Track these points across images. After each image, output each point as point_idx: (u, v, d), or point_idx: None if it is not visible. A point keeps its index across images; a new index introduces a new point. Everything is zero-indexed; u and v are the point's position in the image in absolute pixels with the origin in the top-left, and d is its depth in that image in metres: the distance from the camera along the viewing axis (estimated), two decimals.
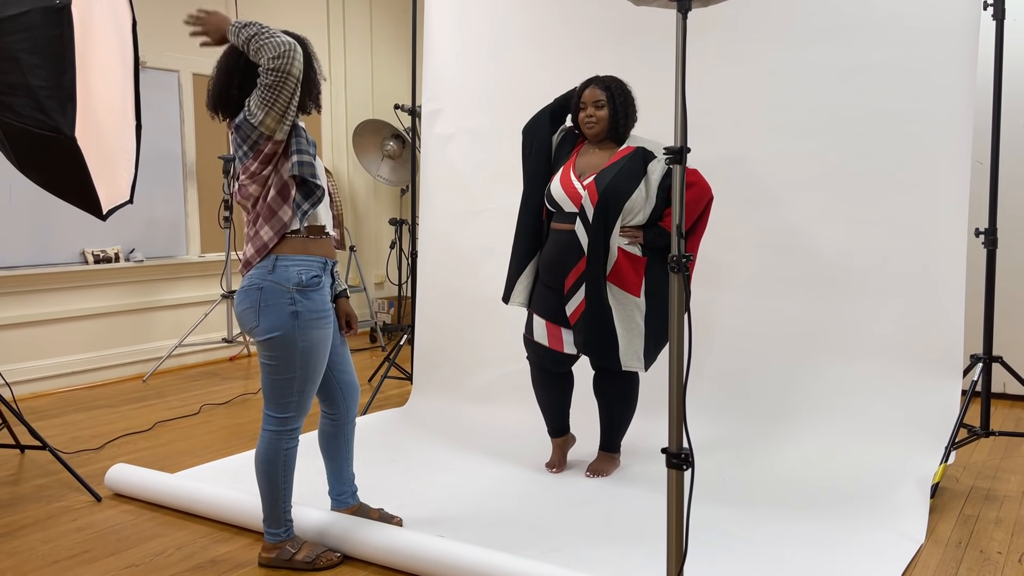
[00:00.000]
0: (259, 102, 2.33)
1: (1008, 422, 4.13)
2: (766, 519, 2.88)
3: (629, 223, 3.12)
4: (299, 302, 2.37)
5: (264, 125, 2.35)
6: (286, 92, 2.33)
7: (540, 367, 3.33)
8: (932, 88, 3.32)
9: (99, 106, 3.12)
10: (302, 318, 2.38)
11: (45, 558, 2.67)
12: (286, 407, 2.46)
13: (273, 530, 2.55)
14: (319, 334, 2.42)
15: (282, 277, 2.37)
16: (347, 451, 2.74)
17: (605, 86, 3.16)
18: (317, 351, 2.43)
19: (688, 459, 1.96)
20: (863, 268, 3.50)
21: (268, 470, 2.49)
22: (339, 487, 2.77)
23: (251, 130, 2.37)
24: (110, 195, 3.24)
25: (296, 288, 2.38)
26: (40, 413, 4.43)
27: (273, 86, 2.31)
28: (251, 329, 2.41)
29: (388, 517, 2.80)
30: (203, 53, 5.61)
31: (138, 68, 3.37)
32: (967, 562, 2.59)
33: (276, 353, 2.40)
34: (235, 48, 2.42)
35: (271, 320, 2.36)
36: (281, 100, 2.33)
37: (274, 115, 2.34)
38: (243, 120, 2.38)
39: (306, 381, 2.45)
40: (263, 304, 2.37)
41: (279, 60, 2.30)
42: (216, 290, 5.70)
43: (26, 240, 4.79)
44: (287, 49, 2.30)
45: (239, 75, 2.42)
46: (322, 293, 2.44)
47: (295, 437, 2.51)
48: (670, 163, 1.94)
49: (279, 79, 2.31)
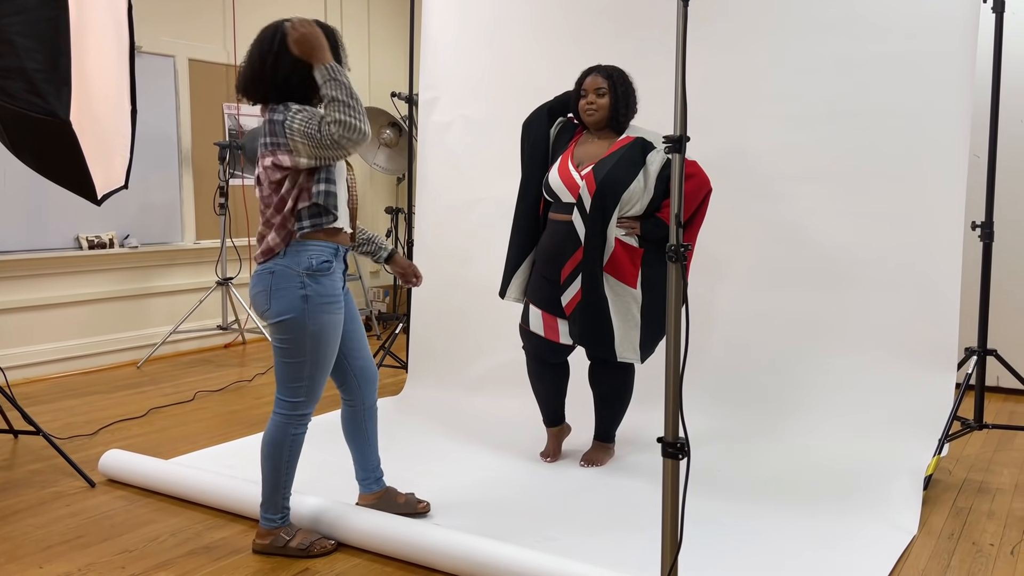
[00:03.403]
0: (304, 138, 2.31)
1: (1001, 415, 4.15)
2: (760, 509, 2.88)
3: (627, 214, 3.12)
4: (309, 286, 2.40)
5: (298, 152, 2.35)
6: (332, 155, 2.34)
7: (536, 357, 3.33)
8: (931, 81, 3.32)
9: (94, 90, 3.10)
10: (312, 302, 2.41)
11: (38, 543, 2.67)
12: (296, 391, 2.48)
13: (270, 515, 2.55)
14: (329, 319, 2.45)
15: (293, 261, 2.40)
16: (368, 437, 2.76)
17: (607, 74, 3.15)
18: (326, 336, 2.46)
19: (684, 449, 1.97)
20: (859, 260, 3.50)
21: (273, 453, 2.51)
22: (362, 473, 2.79)
23: (284, 139, 2.35)
24: (105, 180, 3.23)
25: (307, 272, 2.40)
26: (34, 398, 4.41)
27: (325, 146, 2.31)
28: (263, 312, 2.45)
29: (415, 502, 2.80)
30: (199, 39, 5.58)
31: (133, 52, 3.35)
32: (959, 554, 2.60)
33: (287, 336, 2.43)
34: (272, 33, 2.39)
35: (282, 303, 2.40)
36: (324, 157, 2.34)
37: (311, 159, 2.35)
38: (281, 123, 2.36)
39: (316, 366, 2.47)
40: (275, 287, 2.40)
41: (346, 139, 2.30)
42: (211, 277, 5.68)
43: (20, 225, 4.76)
44: (359, 136, 2.30)
45: (272, 57, 2.39)
46: (332, 279, 2.46)
47: (304, 424, 2.53)
48: (669, 152, 1.94)
49: (334, 147, 2.31)
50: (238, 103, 5.82)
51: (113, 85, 3.23)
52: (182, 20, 5.49)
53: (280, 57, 2.37)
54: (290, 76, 2.38)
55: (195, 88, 5.59)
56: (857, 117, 3.46)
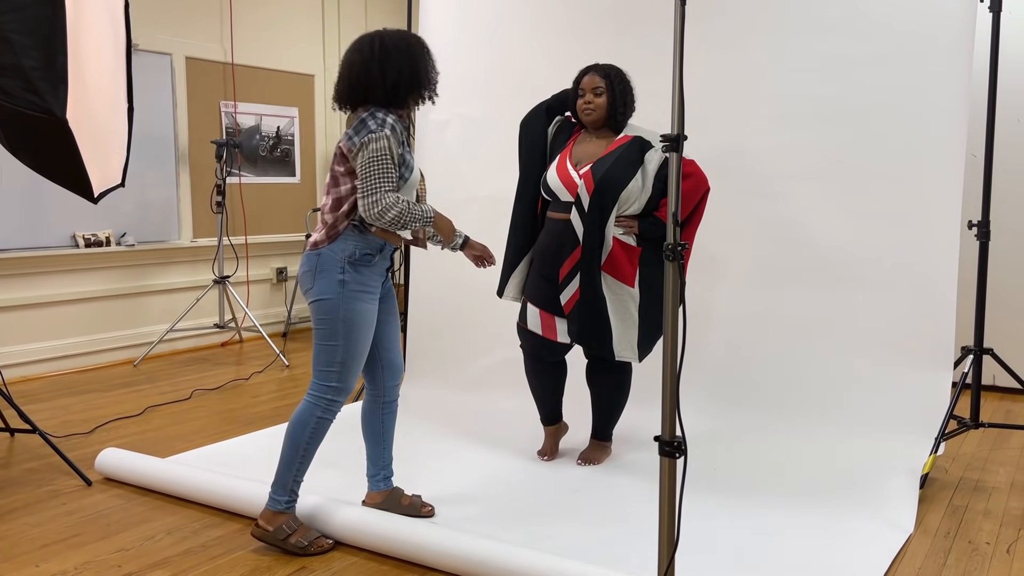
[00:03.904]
0: (369, 168, 2.47)
1: (997, 414, 4.15)
2: (757, 508, 2.89)
3: (625, 213, 3.12)
4: (348, 272, 2.52)
5: (353, 160, 2.52)
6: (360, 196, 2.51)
7: (533, 356, 3.33)
8: (928, 80, 3.32)
9: (91, 88, 3.10)
10: (347, 287, 2.52)
11: (35, 542, 2.67)
12: (328, 376, 2.55)
13: (278, 496, 2.56)
14: (362, 307, 2.54)
15: (338, 248, 2.53)
16: (383, 433, 2.80)
17: (604, 73, 3.15)
18: (360, 323, 2.54)
19: (681, 447, 1.97)
20: (856, 260, 3.51)
21: (295, 432, 2.56)
22: (372, 469, 2.81)
23: (357, 139, 2.50)
24: (102, 178, 3.22)
25: (348, 260, 2.52)
26: (30, 397, 4.41)
27: (365, 194, 2.47)
28: (306, 291, 2.57)
29: (420, 505, 2.82)
30: (196, 36, 5.57)
31: (130, 50, 3.34)
32: (955, 552, 2.60)
33: (323, 317, 2.54)
34: (371, 42, 2.54)
35: (322, 285, 2.53)
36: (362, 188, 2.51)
37: (355, 176, 2.54)
38: (366, 128, 2.48)
39: (348, 353, 2.55)
40: (319, 268, 2.53)
41: (378, 219, 2.47)
42: (208, 275, 5.68)
43: (17, 223, 4.75)
44: (385, 222, 2.48)
45: (377, 64, 2.52)
46: (373, 270, 2.58)
47: (332, 411, 2.58)
48: (667, 151, 1.94)
49: (367, 206, 2.47)
50: (235, 103, 5.81)
51: (110, 83, 3.22)
52: (179, 18, 5.48)
53: (384, 63, 2.52)
54: (398, 80, 2.53)
55: (192, 86, 5.58)
56: (855, 116, 3.46)
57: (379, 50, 2.53)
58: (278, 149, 6.16)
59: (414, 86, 2.57)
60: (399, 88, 2.54)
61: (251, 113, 5.95)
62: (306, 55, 6.34)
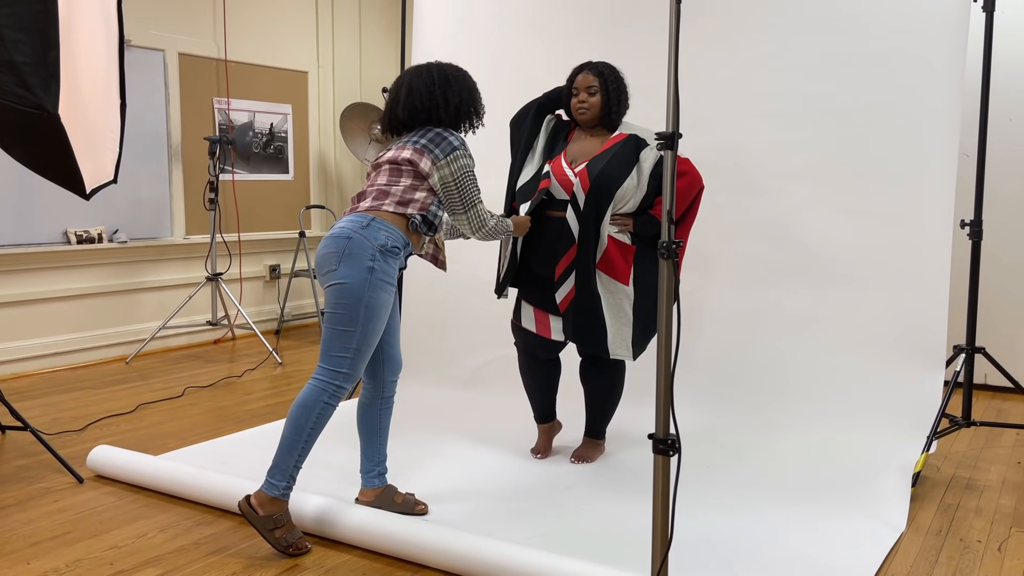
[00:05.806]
0: (457, 186, 2.69)
1: (989, 412, 4.17)
2: (749, 506, 2.89)
3: (620, 211, 3.12)
4: (377, 260, 2.56)
5: (438, 172, 2.67)
6: (453, 212, 2.76)
7: (528, 354, 3.33)
8: (921, 80, 3.33)
9: (83, 84, 3.08)
10: (375, 275, 2.56)
11: (26, 539, 2.66)
12: (340, 362, 2.56)
13: (275, 481, 2.54)
14: (384, 296, 2.59)
15: (371, 235, 2.57)
16: (380, 429, 2.81)
17: (598, 72, 3.14)
18: (379, 312, 2.58)
19: (675, 445, 1.97)
20: (849, 258, 3.51)
21: (299, 415, 2.55)
22: (367, 465, 2.81)
23: (442, 155, 2.66)
24: (94, 174, 3.21)
25: (380, 248, 2.57)
26: (22, 394, 4.39)
27: (456, 212, 2.74)
28: (327, 272, 2.58)
29: (413, 503, 2.81)
30: (189, 33, 5.55)
31: (123, 46, 3.33)
32: (947, 550, 2.61)
33: (343, 301, 2.55)
34: (428, 70, 2.74)
35: (349, 268, 2.54)
36: (449, 204, 2.75)
37: (437, 190, 2.71)
38: (449, 145, 2.66)
39: (363, 340, 2.57)
40: (347, 252, 2.55)
41: (474, 231, 2.81)
42: (201, 272, 5.66)
43: (8, 219, 4.73)
44: (476, 233, 2.82)
45: (440, 91, 2.71)
46: (395, 262, 2.64)
47: (337, 397, 2.58)
48: (661, 148, 1.94)
49: (465, 221, 2.77)
50: (228, 100, 5.80)
51: (102, 79, 3.21)
52: (172, 14, 5.46)
53: (447, 89, 2.72)
54: (460, 105, 2.73)
55: (185, 82, 5.56)
56: (848, 115, 3.47)
57: (439, 77, 2.73)
58: (271, 146, 6.15)
59: (472, 112, 2.77)
60: (460, 112, 2.74)
61: (244, 110, 5.93)
62: (300, 52, 6.32)
